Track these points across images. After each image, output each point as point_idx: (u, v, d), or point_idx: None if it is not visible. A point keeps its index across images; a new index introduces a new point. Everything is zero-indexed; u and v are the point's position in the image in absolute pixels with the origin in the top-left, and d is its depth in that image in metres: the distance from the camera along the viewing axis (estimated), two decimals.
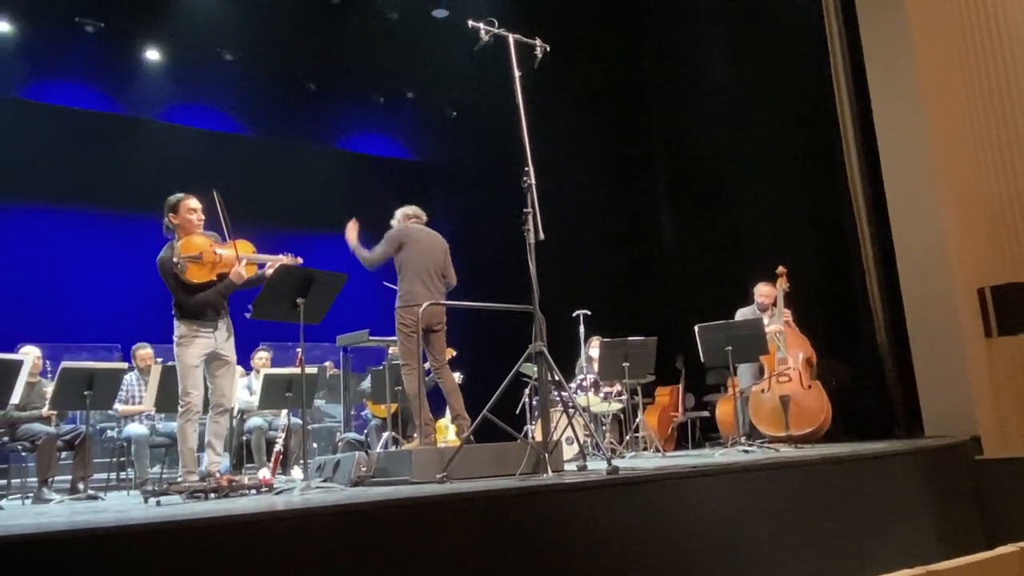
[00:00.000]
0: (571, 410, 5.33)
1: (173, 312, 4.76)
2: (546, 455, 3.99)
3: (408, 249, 5.30)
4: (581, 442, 5.77)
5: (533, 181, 4.16)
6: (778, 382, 6.47)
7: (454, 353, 5.80)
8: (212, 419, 4.84)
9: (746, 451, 5.68)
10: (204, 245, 4.79)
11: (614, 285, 9.66)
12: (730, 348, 6.10)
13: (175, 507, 3.81)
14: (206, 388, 4.88)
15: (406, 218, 5.59)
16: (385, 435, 6.63)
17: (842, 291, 7.42)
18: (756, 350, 6.28)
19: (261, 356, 7.56)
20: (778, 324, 6.63)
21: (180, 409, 4.68)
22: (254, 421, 7.05)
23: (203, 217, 4.90)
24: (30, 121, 8.94)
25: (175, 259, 4.67)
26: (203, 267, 4.73)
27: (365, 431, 7.67)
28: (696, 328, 6.30)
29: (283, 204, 10.10)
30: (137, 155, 9.41)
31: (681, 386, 8.55)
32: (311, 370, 6.48)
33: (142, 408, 6.80)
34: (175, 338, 4.74)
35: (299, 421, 6.90)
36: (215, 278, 4.78)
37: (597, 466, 4.44)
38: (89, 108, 9.45)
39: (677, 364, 8.40)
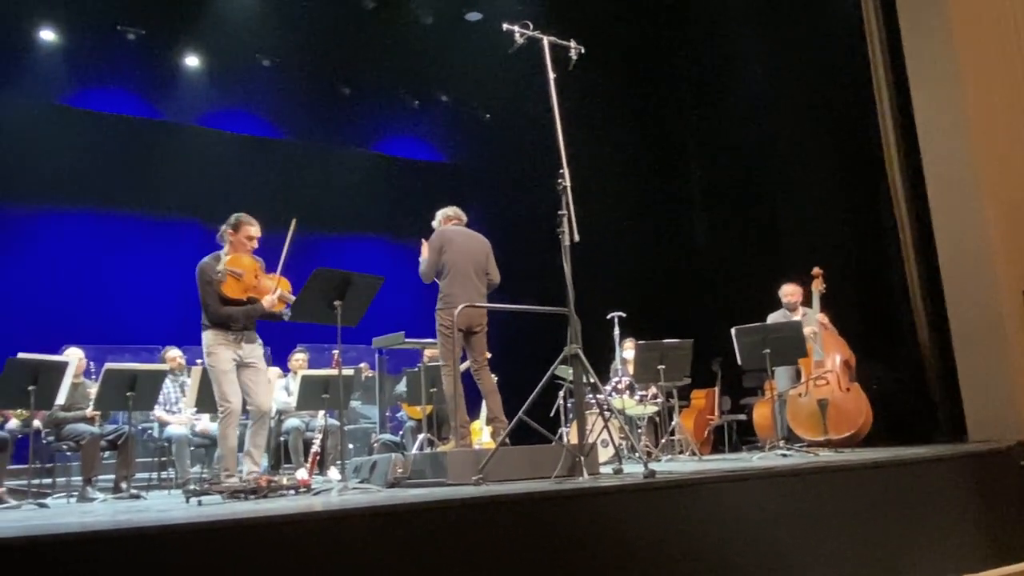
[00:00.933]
0: (606, 413, 5.31)
1: (201, 323, 4.89)
2: (581, 458, 3.97)
3: (448, 251, 5.31)
4: (617, 445, 5.74)
5: (568, 183, 4.14)
6: (816, 385, 6.37)
7: (488, 355, 5.79)
8: (252, 429, 4.94)
9: (784, 455, 5.62)
10: (250, 267, 4.95)
11: (649, 287, 9.60)
12: (768, 351, 6.03)
13: (216, 507, 3.86)
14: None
15: (446, 219, 5.60)
16: (420, 437, 6.66)
17: (882, 291, 7.29)
18: (794, 353, 6.20)
19: (298, 358, 7.64)
20: (812, 325, 6.53)
21: (220, 414, 4.81)
22: (291, 422, 7.13)
23: (257, 245, 5.07)
24: (74, 127, 9.14)
25: (218, 268, 4.79)
26: (239, 285, 4.87)
27: (400, 432, 7.71)
28: (733, 330, 6.24)
29: (319, 207, 10.18)
30: (177, 160, 9.57)
31: (717, 389, 8.47)
32: (347, 372, 6.53)
33: (183, 419, 6.89)
34: (204, 349, 4.89)
35: (336, 422, 6.96)
36: (245, 299, 4.90)
37: (633, 469, 4.42)
38: (130, 114, 9.66)
39: (713, 367, 8.32)
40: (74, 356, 6.27)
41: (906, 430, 6.52)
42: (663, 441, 7.36)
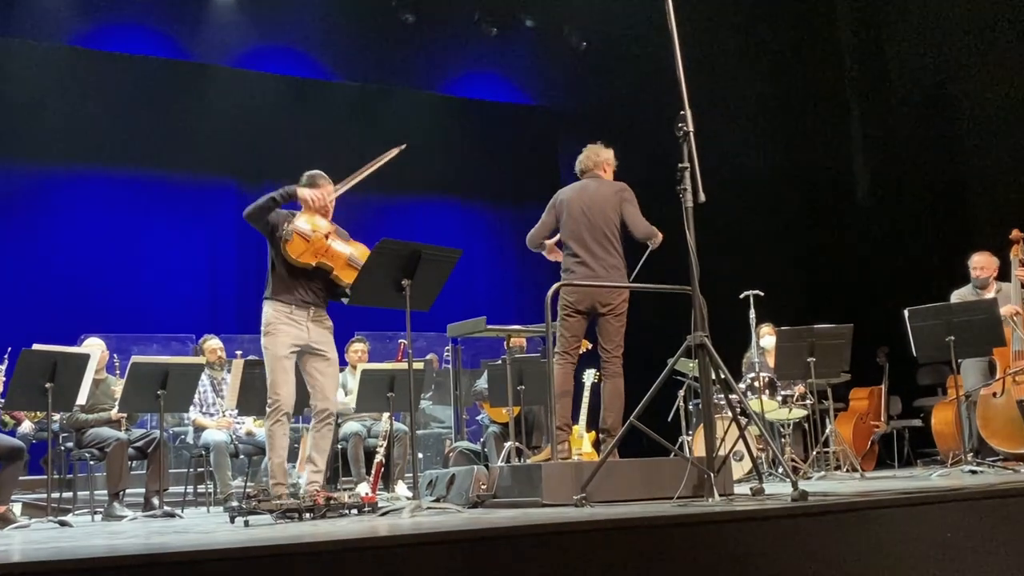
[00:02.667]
0: (741, 417, 5.26)
1: (264, 294, 5.04)
2: (711, 474, 3.97)
3: (562, 216, 5.44)
4: (755, 458, 5.69)
5: (691, 128, 4.10)
6: (1016, 383, 6.28)
7: (589, 346, 5.80)
8: (315, 428, 5.10)
9: (973, 472, 5.58)
10: (322, 229, 5.00)
11: (794, 259, 9.45)
12: (952, 338, 5.94)
13: (266, 528, 4.02)
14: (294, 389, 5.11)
15: (578, 169, 5.68)
16: (507, 445, 6.74)
17: None
18: (987, 341, 6.10)
19: (357, 349, 7.78)
20: (1015, 304, 6.37)
21: (268, 409, 4.94)
22: (350, 426, 7.30)
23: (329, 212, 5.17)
24: (85, 72, 9.50)
25: (287, 224, 4.91)
26: (307, 247, 4.93)
27: (481, 439, 7.83)
28: (906, 312, 6.16)
29: None
30: (208, 108, 9.88)
31: (884, 387, 8.36)
32: (417, 365, 6.64)
33: (223, 423, 7.13)
34: (263, 326, 5.01)
35: (403, 427, 7.10)
36: (313, 265, 4.97)
37: (777, 490, 4.39)
38: (152, 55, 9.96)
39: (879, 359, 8.20)
40: (95, 347, 6.53)
41: None
42: (814, 454, 7.32)
